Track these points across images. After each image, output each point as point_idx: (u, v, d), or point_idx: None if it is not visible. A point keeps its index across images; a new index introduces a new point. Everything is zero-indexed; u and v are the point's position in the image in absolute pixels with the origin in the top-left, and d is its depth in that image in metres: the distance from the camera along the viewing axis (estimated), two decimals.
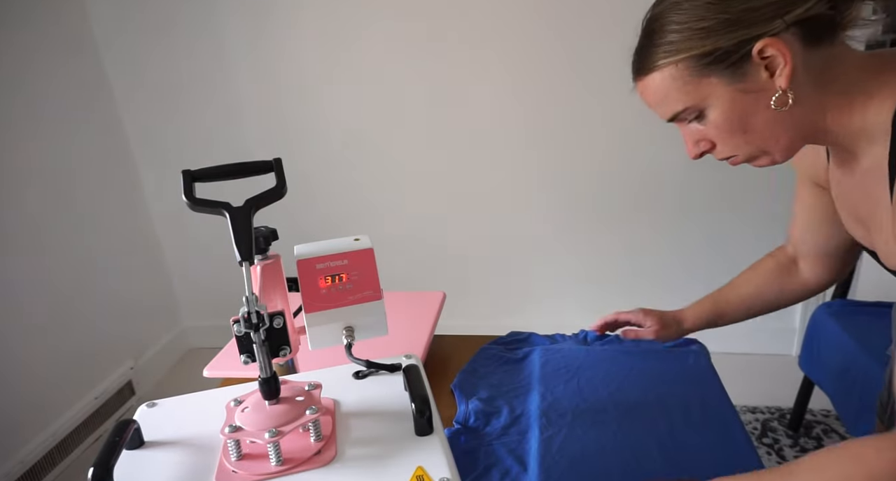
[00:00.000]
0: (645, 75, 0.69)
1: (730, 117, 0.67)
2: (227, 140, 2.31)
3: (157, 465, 0.60)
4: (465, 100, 2.14)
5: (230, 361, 1.04)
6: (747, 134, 0.68)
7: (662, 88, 0.68)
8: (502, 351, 1.14)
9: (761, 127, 0.67)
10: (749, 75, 0.64)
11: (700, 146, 0.72)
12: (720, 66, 0.64)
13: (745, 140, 0.69)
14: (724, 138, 0.69)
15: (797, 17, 0.61)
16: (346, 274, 0.67)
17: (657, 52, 0.66)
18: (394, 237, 2.30)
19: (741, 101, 0.65)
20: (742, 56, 0.63)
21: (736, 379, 1.18)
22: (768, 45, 0.61)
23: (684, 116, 0.70)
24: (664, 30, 0.66)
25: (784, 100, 0.64)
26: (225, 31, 2.17)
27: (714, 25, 0.62)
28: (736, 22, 0.62)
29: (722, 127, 0.68)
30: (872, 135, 0.66)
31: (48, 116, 2.00)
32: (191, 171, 0.64)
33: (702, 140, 0.71)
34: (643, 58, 0.69)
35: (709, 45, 0.63)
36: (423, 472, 0.55)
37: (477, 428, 0.91)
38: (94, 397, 2.13)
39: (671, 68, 0.66)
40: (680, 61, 0.65)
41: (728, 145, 0.70)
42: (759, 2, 0.61)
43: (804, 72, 0.64)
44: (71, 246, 2.08)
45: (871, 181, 0.68)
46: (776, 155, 0.70)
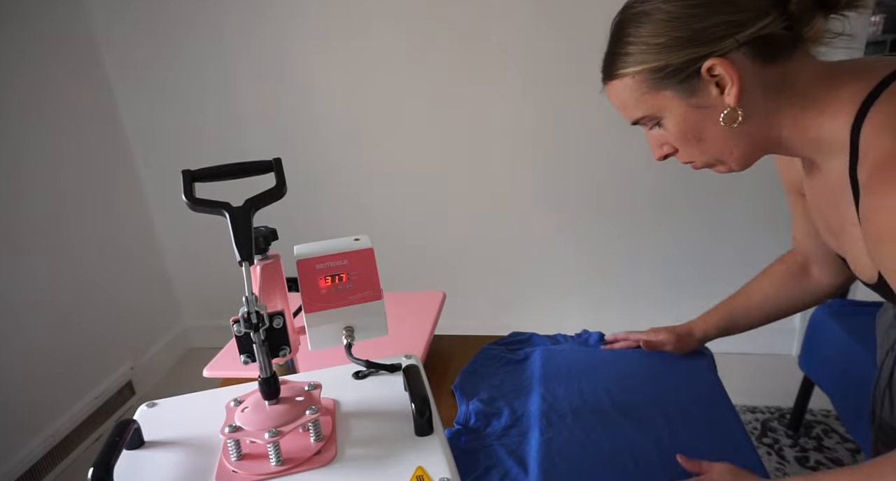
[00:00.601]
0: (609, 81, 0.71)
1: (683, 129, 0.69)
2: (227, 140, 2.31)
3: (157, 465, 0.60)
4: (466, 100, 2.14)
5: (230, 361, 1.04)
6: (701, 144, 0.70)
7: (623, 95, 0.70)
8: (503, 351, 1.13)
9: (714, 139, 0.69)
10: (700, 91, 0.65)
11: (662, 149, 0.74)
12: (673, 81, 0.65)
13: (700, 150, 0.71)
14: (682, 146, 0.71)
15: (749, 36, 0.62)
16: (346, 274, 0.67)
17: (617, 62, 0.68)
18: (394, 237, 2.30)
19: (693, 114, 0.67)
20: (692, 73, 0.64)
21: (736, 380, 1.18)
22: (716, 64, 0.62)
23: (644, 122, 0.72)
24: (624, 41, 0.67)
25: (733, 117, 0.66)
26: (225, 31, 2.17)
27: (667, 42, 0.64)
28: (687, 40, 0.63)
29: (678, 136, 0.70)
30: (830, 148, 0.66)
31: (48, 116, 2.00)
32: (191, 171, 0.63)
33: (664, 144, 0.73)
34: (607, 64, 0.71)
35: (661, 61, 0.64)
36: (423, 472, 0.55)
37: (477, 429, 0.91)
38: (94, 397, 2.13)
39: (629, 79, 0.68)
40: (636, 73, 0.67)
41: (686, 152, 0.72)
42: (711, 21, 0.62)
43: (757, 88, 0.65)
44: (71, 246, 2.08)
45: (835, 193, 0.68)
46: (732, 164, 0.72)
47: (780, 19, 0.62)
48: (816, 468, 1.67)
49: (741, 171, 0.73)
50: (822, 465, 1.68)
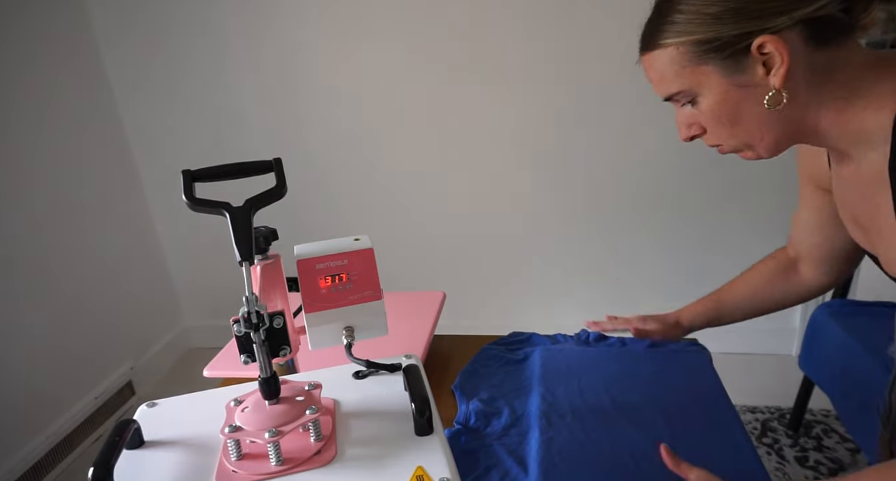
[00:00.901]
0: (648, 51, 0.69)
1: (720, 108, 0.66)
2: (227, 140, 2.31)
3: (157, 465, 0.60)
4: (466, 99, 2.14)
5: (230, 361, 1.04)
6: (735, 127, 0.68)
7: (661, 67, 0.68)
8: (503, 351, 1.13)
9: (749, 122, 0.67)
10: (746, 69, 0.63)
11: (691, 130, 0.72)
12: (718, 56, 0.63)
13: (732, 133, 0.69)
14: (713, 127, 0.69)
15: (805, 15, 0.59)
16: (346, 274, 0.67)
17: (662, 31, 0.66)
18: (394, 237, 2.30)
19: (734, 93, 0.65)
20: (741, 49, 0.62)
21: (736, 379, 1.18)
22: (768, 42, 0.60)
23: (678, 99, 0.70)
24: (673, 9, 0.65)
25: (778, 99, 0.63)
26: (225, 31, 2.17)
27: (719, 13, 0.61)
28: (741, 12, 0.60)
29: (711, 116, 0.68)
30: (870, 140, 0.65)
31: (48, 116, 2.00)
32: (191, 171, 0.63)
33: (693, 124, 0.71)
34: (649, 33, 0.68)
35: (711, 33, 0.62)
36: (423, 472, 0.55)
37: (477, 429, 0.91)
38: (94, 397, 2.13)
39: (672, 49, 0.65)
40: (681, 44, 0.64)
41: (715, 134, 0.70)
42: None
43: (804, 72, 0.63)
44: (71, 246, 2.08)
45: (870, 186, 0.67)
46: (761, 151, 0.70)
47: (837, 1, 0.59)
48: (817, 468, 1.67)
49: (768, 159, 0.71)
50: (821, 465, 1.69)
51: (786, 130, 0.67)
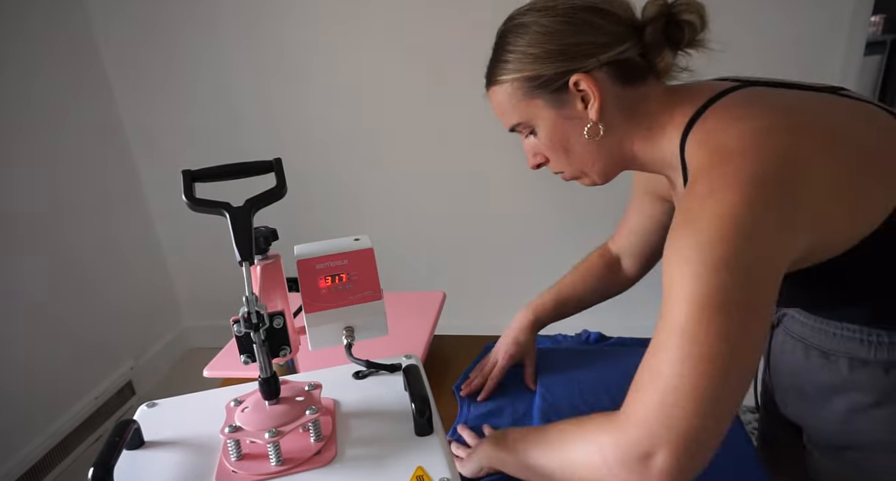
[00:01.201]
0: (490, 86, 0.77)
1: (552, 139, 0.75)
2: (227, 140, 2.31)
3: (157, 465, 0.60)
4: (466, 99, 2.13)
5: (230, 361, 1.04)
6: (568, 155, 0.76)
7: (501, 101, 0.75)
8: None
9: (579, 152, 0.75)
10: (568, 103, 0.71)
11: (536, 158, 0.80)
12: (545, 91, 0.71)
13: (567, 161, 0.77)
14: (551, 155, 0.77)
15: (609, 58, 0.69)
16: (346, 274, 0.67)
17: (497, 69, 0.74)
18: (394, 237, 2.30)
19: (561, 125, 0.73)
20: (561, 85, 0.70)
21: None
22: (581, 80, 0.69)
23: (520, 130, 0.77)
24: (504, 49, 0.73)
25: (595, 130, 0.72)
26: (225, 31, 2.17)
27: (540, 53, 0.70)
28: (558, 54, 0.69)
29: (548, 145, 0.76)
30: (671, 164, 0.73)
31: (48, 116, 2.00)
32: (191, 171, 0.63)
33: (538, 153, 0.79)
34: (490, 70, 0.76)
35: (535, 71, 0.70)
36: (423, 472, 0.55)
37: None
38: (94, 397, 2.13)
39: (507, 85, 0.73)
40: (514, 80, 0.72)
41: (555, 162, 0.78)
42: (578, 39, 0.69)
43: (616, 107, 0.71)
44: (71, 246, 2.08)
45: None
46: (595, 177, 0.78)
47: (635, 47, 0.69)
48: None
49: (602, 185, 0.80)
50: None
51: (611, 158, 0.76)
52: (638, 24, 0.70)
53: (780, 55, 1.94)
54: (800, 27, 1.91)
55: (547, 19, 0.70)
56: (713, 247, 0.56)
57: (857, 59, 1.95)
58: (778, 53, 1.94)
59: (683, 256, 0.59)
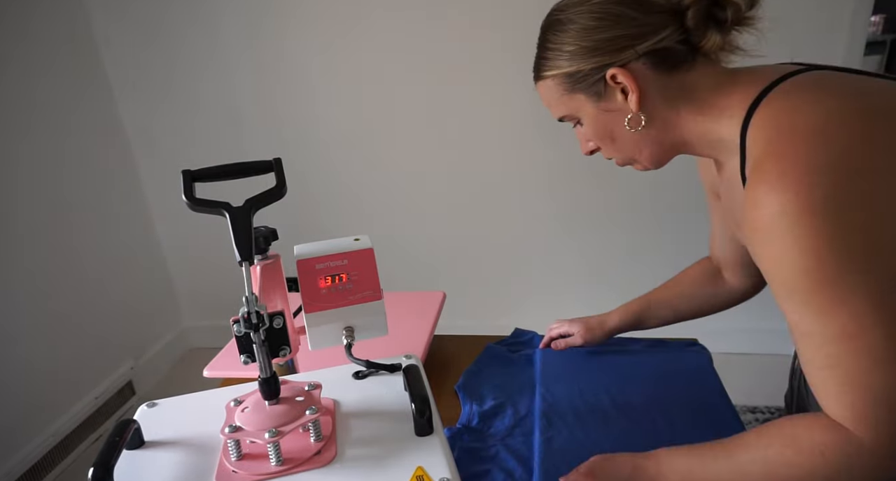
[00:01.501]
0: (537, 81, 0.79)
1: (597, 129, 0.76)
2: (227, 140, 2.31)
3: (157, 465, 0.60)
4: (466, 99, 2.14)
5: (230, 361, 1.04)
6: (615, 144, 0.77)
7: (547, 95, 0.78)
8: (506, 351, 1.14)
9: (624, 141, 0.76)
10: (607, 96, 0.72)
11: (588, 145, 0.81)
12: (584, 85, 0.72)
13: (615, 149, 0.78)
14: (601, 145, 0.79)
15: (647, 48, 0.68)
16: (346, 274, 0.67)
17: (540, 65, 0.77)
18: (394, 237, 2.30)
19: (603, 117, 0.74)
20: (599, 79, 0.71)
21: (736, 380, 1.18)
22: (617, 73, 0.69)
23: (567, 120, 0.80)
24: (545, 45, 0.75)
25: (637, 121, 0.72)
26: (225, 31, 2.17)
27: (576, 50, 0.71)
28: (593, 50, 0.70)
29: (594, 136, 0.77)
30: (728, 149, 0.71)
31: (48, 116, 2.00)
32: (191, 171, 0.64)
33: (588, 140, 0.80)
34: (536, 64, 0.78)
35: (573, 67, 0.72)
36: (423, 472, 0.55)
37: (480, 430, 0.91)
38: (95, 397, 2.13)
39: (550, 80, 0.76)
40: (554, 76, 0.74)
41: (605, 150, 0.79)
42: (613, 33, 0.69)
43: (658, 95, 0.71)
44: (71, 246, 2.08)
45: (735, 191, 0.72)
46: (645, 163, 0.78)
47: (676, 33, 0.68)
48: None
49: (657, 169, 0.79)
50: None
51: (659, 145, 0.75)
52: (679, 8, 0.68)
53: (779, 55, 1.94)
54: (800, 27, 1.91)
55: (582, 16, 0.70)
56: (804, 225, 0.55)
57: (857, 59, 1.95)
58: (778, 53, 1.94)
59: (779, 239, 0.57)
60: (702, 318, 1.04)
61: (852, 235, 0.55)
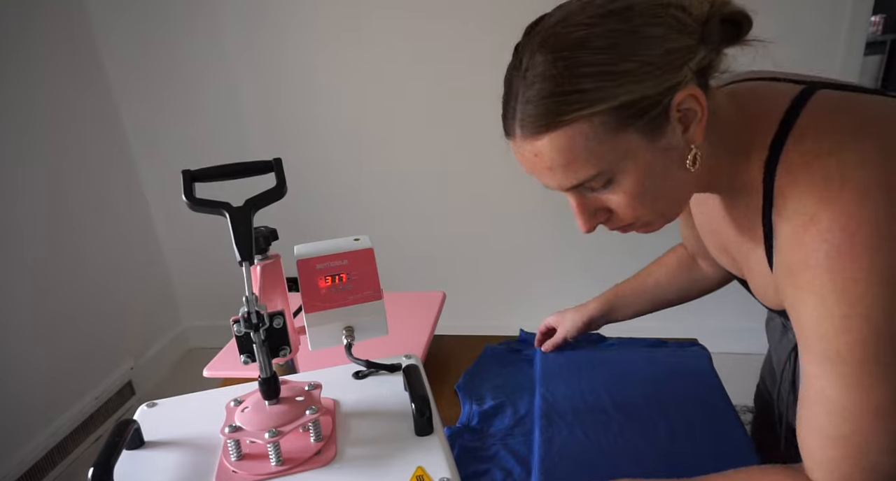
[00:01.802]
0: (548, 131, 0.54)
1: (646, 182, 0.57)
2: (227, 140, 2.31)
3: (157, 465, 0.60)
4: (466, 99, 2.14)
5: (230, 361, 1.03)
6: (657, 200, 0.59)
7: (569, 148, 0.54)
8: (505, 352, 1.14)
9: (673, 189, 0.59)
10: (666, 130, 0.55)
11: (598, 217, 0.62)
12: (641, 120, 0.53)
13: (653, 207, 0.60)
14: (631, 205, 0.59)
15: (700, 63, 0.54)
16: (346, 274, 0.67)
17: (565, 103, 0.53)
18: (394, 237, 2.30)
19: (660, 160, 0.56)
20: (664, 108, 0.53)
21: (736, 380, 1.18)
22: (689, 96, 0.53)
23: (592, 184, 0.58)
24: (573, 74, 0.52)
25: (697, 157, 0.57)
26: (225, 30, 2.17)
27: (638, 68, 0.52)
28: (661, 65, 0.52)
29: (634, 193, 0.57)
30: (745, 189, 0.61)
31: (48, 116, 2.00)
32: (191, 171, 0.63)
33: (601, 209, 0.61)
34: (542, 111, 0.54)
35: (634, 93, 0.52)
36: (423, 472, 0.55)
37: (480, 429, 0.91)
38: (94, 397, 2.13)
39: (583, 123, 0.53)
40: (597, 113, 0.52)
41: (631, 213, 0.60)
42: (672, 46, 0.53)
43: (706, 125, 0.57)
44: (71, 246, 2.08)
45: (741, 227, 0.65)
46: (671, 217, 0.63)
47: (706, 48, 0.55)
48: None
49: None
50: None
51: (694, 189, 0.63)
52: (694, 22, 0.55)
53: (779, 55, 1.94)
54: (800, 27, 1.91)
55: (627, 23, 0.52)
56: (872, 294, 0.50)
57: (857, 59, 1.95)
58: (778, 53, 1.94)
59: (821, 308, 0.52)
60: (702, 319, 1.04)
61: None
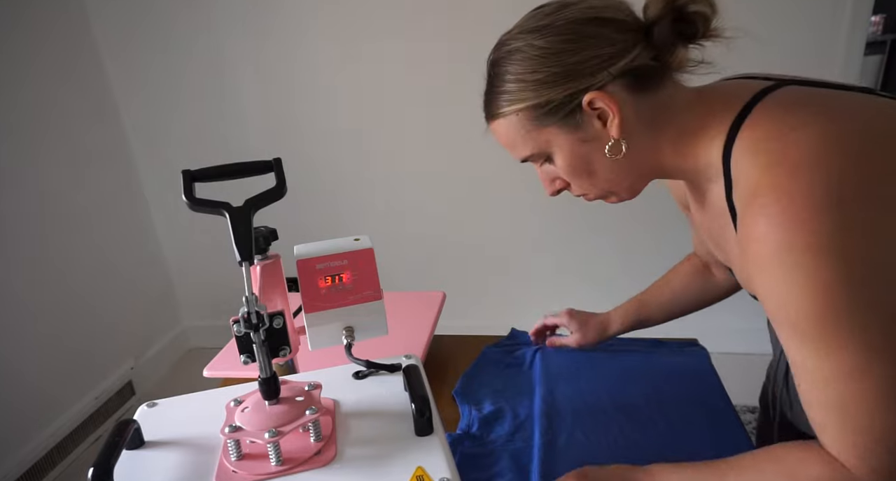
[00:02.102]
0: (492, 120, 0.71)
1: (572, 163, 0.69)
2: (227, 140, 2.31)
3: (157, 465, 0.60)
4: (466, 100, 2.13)
5: (230, 361, 1.03)
6: (592, 178, 0.71)
7: (507, 134, 0.70)
8: (503, 354, 1.13)
9: (603, 172, 0.70)
10: (584, 125, 0.66)
11: (555, 184, 0.76)
12: (556, 117, 0.65)
13: (592, 183, 0.72)
14: (573, 180, 0.72)
15: (622, 69, 0.63)
16: (346, 274, 0.67)
17: (498, 101, 0.68)
18: (394, 237, 2.30)
19: (580, 148, 0.68)
20: (574, 107, 0.64)
21: (736, 380, 1.18)
22: (596, 98, 0.63)
23: (534, 160, 0.73)
24: (502, 79, 0.67)
25: (618, 148, 0.67)
26: (225, 31, 2.17)
27: (545, 78, 0.64)
28: (564, 75, 0.63)
29: (569, 171, 0.70)
30: (708, 174, 0.68)
31: (48, 116, 2.00)
32: (191, 171, 0.63)
33: (556, 179, 0.75)
34: (488, 103, 0.70)
35: (542, 97, 0.64)
36: (423, 472, 0.55)
37: (481, 436, 0.91)
38: (94, 397, 2.13)
39: (513, 116, 0.68)
40: (519, 110, 0.66)
41: (578, 186, 0.73)
42: (584, 55, 0.63)
43: (635, 118, 0.66)
44: (71, 246, 2.08)
45: (718, 215, 0.69)
46: (623, 194, 0.74)
47: (646, 50, 0.63)
48: None
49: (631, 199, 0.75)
50: None
51: (638, 172, 0.71)
52: (643, 24, 0.64)
53: (779, 55, 1.94)
54: (800, 27, 1.91)
55: (544, 40, 0.64)
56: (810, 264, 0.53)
57: (857, 59, 1.95)
58: (778, 53, 1.94)
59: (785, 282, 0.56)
60: (702, 319, 1.05)
61: (858, 271, 0.54)
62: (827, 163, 0.55)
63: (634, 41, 0.63)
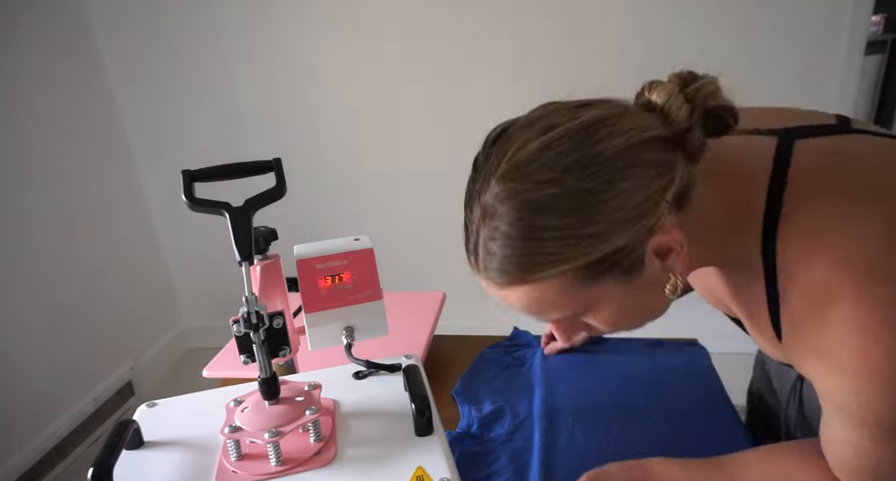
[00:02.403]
0: (512, 286, 0.55)
1: (621, 315, 0.59)
2: (227, 140, 2.31)
3: (157, 465, 0.60)
4: (466, 99, 2.14)
5: (230, 361, 1.03)
6: (636, 317, 0.62)
7: (543, 299, 0.55)
8: (502, 354, 1.13)
9: (651, 306, 0.61)
10: (644, 268, 0.54)
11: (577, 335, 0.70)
12: (620, 268, 0.53)
13: (631, 323, 0.63)
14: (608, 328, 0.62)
15: (675, 193, 0.52)
16: (346, 274, 0.67)
17: (531, 263, 0.53)
18: (394, 237, 2.29)
19: (635, 296, 0.57)
20: (640, 253, 0.53)
21: (736, 380, 1.18)
22: (662, 239, 0.53)
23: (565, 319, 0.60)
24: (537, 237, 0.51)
25: (676, 284, 0.57)
26: (225, 30, 2.17)
27: (605, 230, 0.51)
28: (627, 220, 0.51)
29: (613, 322, 0.60)
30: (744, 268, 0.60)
31: (48, 116, 2.00)
32: (191, 171, 0.64)
33: (582, 327, 0.64)
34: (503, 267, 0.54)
35: (602, 251, 0.51)
36: (423, 472, 0.55)
37: (480, 435, 0.91)
38: (94, 397, 2.13)
39: (553, 280, 0.53)
40: (567, 271, 0.52)
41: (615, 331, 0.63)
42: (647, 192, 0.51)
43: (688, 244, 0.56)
44: (70, 246, 2.08)
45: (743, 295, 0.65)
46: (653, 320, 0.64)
47: (684, 162, 0.53)
48: None
49: None
50: None
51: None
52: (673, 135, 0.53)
53: (779, 55, 1.94)
54: (800, 27, 1.91)
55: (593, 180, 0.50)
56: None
57: (857, 59, 1.95)
58: (778, 54, 1.94)
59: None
60: (702, 318, 1.04)
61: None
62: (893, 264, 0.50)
63: (675, 157, 0.53)
